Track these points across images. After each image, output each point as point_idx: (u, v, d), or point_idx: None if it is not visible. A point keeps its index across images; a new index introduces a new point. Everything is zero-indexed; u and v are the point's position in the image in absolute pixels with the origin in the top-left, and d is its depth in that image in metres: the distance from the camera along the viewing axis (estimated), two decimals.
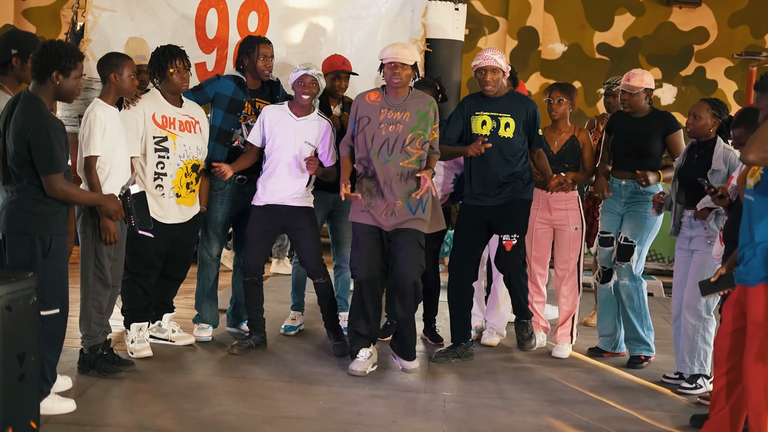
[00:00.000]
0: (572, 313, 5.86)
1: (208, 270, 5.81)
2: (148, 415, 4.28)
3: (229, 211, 5.70)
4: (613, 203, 5.67)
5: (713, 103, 5.08)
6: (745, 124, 4.35)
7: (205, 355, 5.41)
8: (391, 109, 5.05)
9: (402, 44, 5.16)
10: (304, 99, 5.29)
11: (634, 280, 5.55)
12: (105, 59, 4.77)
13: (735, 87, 11.06)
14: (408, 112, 5.05)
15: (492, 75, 5.29)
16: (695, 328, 5.01)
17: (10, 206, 4.07)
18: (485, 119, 5.35)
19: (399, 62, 4.97)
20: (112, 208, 4.40)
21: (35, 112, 4.00)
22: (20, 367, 3.57)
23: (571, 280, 5.83)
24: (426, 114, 5.06)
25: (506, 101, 5.38)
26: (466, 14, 6.43)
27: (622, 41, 11.14)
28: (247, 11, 6.25)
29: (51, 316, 4.04)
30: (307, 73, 5.25)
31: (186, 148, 5.24)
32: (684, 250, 5.12)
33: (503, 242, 5.40)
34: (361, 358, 5.12)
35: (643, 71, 5.60)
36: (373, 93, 5.15)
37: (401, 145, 5.02)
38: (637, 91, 5.49)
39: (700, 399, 4.93)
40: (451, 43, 6.32)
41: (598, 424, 4.48)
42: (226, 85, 5.60)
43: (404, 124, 5.03)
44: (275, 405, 4.53)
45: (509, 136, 5.33)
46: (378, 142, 5.04)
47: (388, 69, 5.01)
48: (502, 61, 5.31)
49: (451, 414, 4.54)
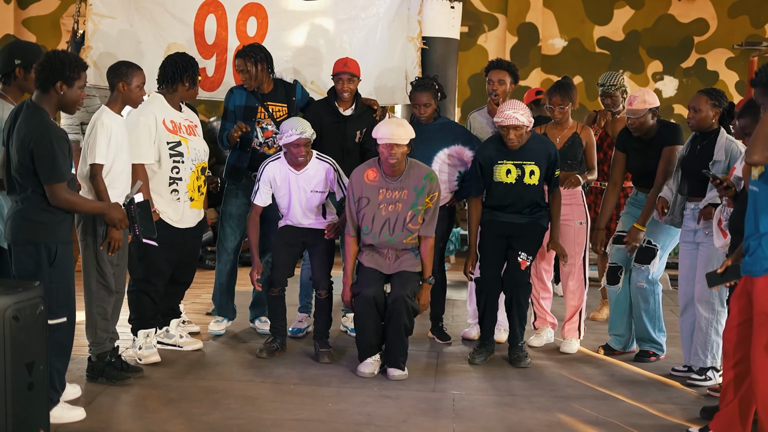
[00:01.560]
0: (579, 308, 5.84)
1: (221, 264, 5.94)
2: (157, 422, 4.28)
3: (243, 204, 5.81)
4: (635, 210, 5.63)
5: (711, 93, 5.07)
6: (751, 114, 4.34)
7: (213, 360, 5.41)
8: (389, 188, 5.09)
9: (396, 122, 5.15)
10: (300, 160, 5.32)
11: (651, 284, 5.52)
12: (116, 67, 4.78)
13: (736, 77, 11.05)
14: (406, 189, 5.08)
15: (515, 132, 5.26)
16: (708, 321, 4.99)
17: (16, 216, 4.07)
18: (509, 168, 5.34)
19: (394, 143, 4.97)
20: (116, 216, 4.40)
21: (38, 121, 4.00)
22: (29, 377, 3.57)
23: (578, 275, 5.81)
24: (423, 189, 5.10)
25: (529, 148, 5.34)
26: (461, 12, 6.43)
27: (622, 35, 11.13)
28: (246, 16, 6.26)
29: (58, 325, 4.05)
30: (301, 137, 5.24)
31: (196, 151, 5.28)
32: (689, 243, 5.11)
33: (518, 260, 5.37)
34: (369, 360, 5.12)
35: (644, 91, 5.53)
36: (370, 171, 5.15)
37: (402, 224, 5.10)
38: (642, 114, 5.47)
39: (710, 391, 4.92)
40: (446, 41, 6.32)
41: (608, 419, 4.47)
42: (239, 96, 5.76)
43: (403, 202, 5.08)
44: (285, 408, 4.53)
45: (535, 183, 5.35)
46: (378, 223, 5.10)
47: (384, 148, 5.01)
48: (524, 117, 5.23)
49: (461, 412, 4.54)
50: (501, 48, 11.09)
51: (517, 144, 5.30)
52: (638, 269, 5.53)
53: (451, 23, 6.38)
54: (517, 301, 5.41)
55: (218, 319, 6.02)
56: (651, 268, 5.48)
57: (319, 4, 6.31)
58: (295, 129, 5.22)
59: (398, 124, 5.10)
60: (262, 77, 5.71)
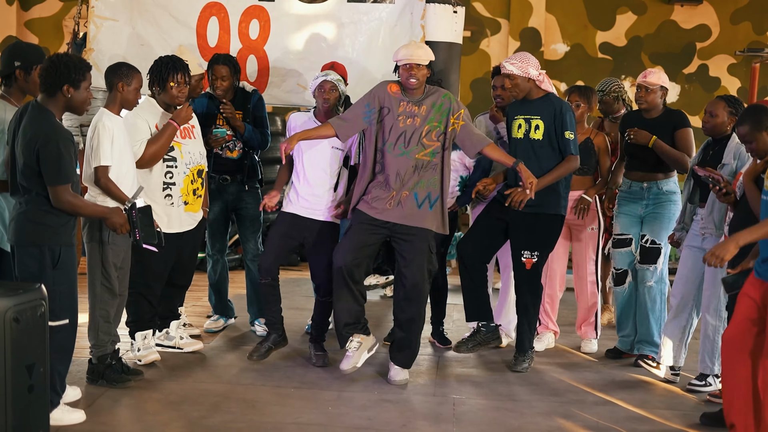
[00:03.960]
0: (595, 309, 5.92)
1: (210, 266, 6.13)
2: (157, 424, 4.28)
3: (219, 210, 5.93)
4: (632, 206, 5.65)
5: (729, 100, 5.03)
6: (750, 121, 4.33)
7: (214, 363, 5.41)
8: (410, 103, 5.02)
9: (415, 44, 5.14)
10: (325, 106, 5.28)
11: (659, 282, 5.53)
12: (115, 67, 4.75)
13: (738, 84, 11.04)
14: (425, 105, 5.02)
15: (509, 81, 5.25)
16: (715, 328, 4.96)
17: (19, 218, 4.07)
18: (521, 122, 5.32)
19: (414, 63, 4.93)
20: (117, 221, 4.39)
21: (44, 122, 4.00)
22: (30, 379, 3.58)
23: (590, 279, 5.89)
24: (441, 106, 5.01)
25: (538, 103, 5.31)
26: (464, 17, 6.43)
27: (624, 40, 11.13)
28: (249, 19, 6.27)
29: (60, 327, 4.05)
30: (326, 80, 5.26)
31: (191, 155, 5.27)
32: (695, 247, 5.08)
33: (522, 260, 5.30)
34: (349, 353, 5.03)
35: (660, 70, 5.62)
36: (394, 85, 5.10)
37: (417, 138, 4.98)
38: (654, 88, 5.49)
39: (710, 397, 4.92)
40: (449, 45, 6.31)
41: (608, 424, 4.48)
42: (200, 104, 5.83)
43: (421, 117, 4.99)
44: (285, 411, 4.52)
45: (539, 138, 5.26)
46: (395, 134, 5.00)
47: (403, 70, 4.97)
48: (513, 67, 5.20)
49: (461, 417, 4.54)
50: (503, 53, 11.08)
51: (508, 95, 5.35)
52: (645, 269, 5.53)
53: (454, 28, 6.37)
54: (524, 306, 5.37)
55: (214, 317, 6.16)
56: (658, 266, 5.49)
57: (321, 7, 6.31)
58: (322, 72, 5.33)
59: (417, 45, 5.10)
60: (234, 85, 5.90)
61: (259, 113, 5.97)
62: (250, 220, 6.04)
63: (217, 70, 5.78)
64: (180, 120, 5.08)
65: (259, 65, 6.29)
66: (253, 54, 6.28)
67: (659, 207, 5.56)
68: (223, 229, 6.10)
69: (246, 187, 5.99)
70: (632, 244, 5.65)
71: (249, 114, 5.92)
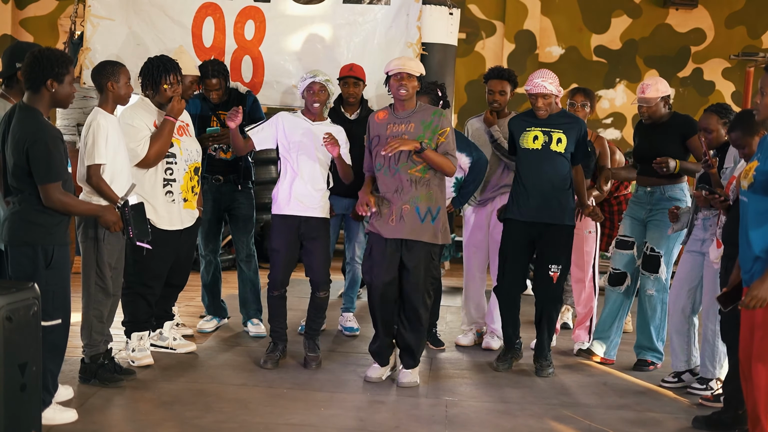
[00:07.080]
0: (591, 314, 5.96)
1: (203, 267, 6.15)
2: (149, 424, 4.28)
3: (212, 210, 5.94)
4: (637, 209, 5.65)
5: (719, 112, 5.02)
6: (741, 127, 4.35)
7: (206, 363, 5.41)
8: (397, 123, 5.03)
9: (407, 56, 5.19)
10: (315, 107, 5.29)
11: (661, 291, 5.52)
12: (100, 68, 4.73)
13: (733, 88, 11.08)
14: (413, 123, 5.02)
15: (543, 100, 5.28)
16: (714, 332, 4.95)
17: (12, 217, 4.07)
18: (537, 134, 5.32)
19: (405, 73, 4.94)
20: (110, 219, 4.39)
21: (32, 122, 3.99)
22: (22, 378, 3.57)
23: (587, 282, 5.91)
24: (431, 123, 5.01)
25: (559, 119, 5.35)
26: (460, 19, 6.44)
27: (619, 43, 11.16)
28: (244, 20, 6.27)
29: (53, 327, 4.04)
30: (314, 81, 5.26)
31: (189, 151, 5.29)
32: (695, 252, 5.09)
33: (550, 273, 5.34)
34: (376, 365, 5.13)
35: (657, 79, 5.59)
36: (381, 112, 5.14)
37: (407, 154, 4.97)
38: (654, 103, 5.49)
39: (702, 401, 4.92)
40: (444, 47, 6.32)
41: (600, 427, 4.48)
42: (194, 105, 5.86)
43: (409, 134, 4.98)
44: (277, 412, 4.53)
45: (561, 151, 5.29)
46: (386, 156, 4.99)
47: (394, 81, 4.98)
48: (552, 86, 5.24)
49: (454, 419, 4.54)
50: (498, 55, 11.10)
51: (545, 113, 5.32)
52: (646, 278, 5.54)
53: (449, 29, 6.38)
54: (548, 316, 5.44)
55: (207, 317, 6.19)
56: (660, 275, 5.50)
57: (317, 9, 6.31)
58: (309, 73, 5.31)
59: (408, 57, 5.14)
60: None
61: (257, 115, 5.96)
62: (243, 221, 6.05)
63: (209, 84, 5.82)
64: (175, 113, 5.10)
65: (254, 66, 6.28)
66: (248, 54, 6.28)
67: (661, 213, 5.49)
68: (216, 230, 6.12)
69: (239, 188, 6.00)
70: (634, 248, 5.65)
71: (246, 117, 5.91)
